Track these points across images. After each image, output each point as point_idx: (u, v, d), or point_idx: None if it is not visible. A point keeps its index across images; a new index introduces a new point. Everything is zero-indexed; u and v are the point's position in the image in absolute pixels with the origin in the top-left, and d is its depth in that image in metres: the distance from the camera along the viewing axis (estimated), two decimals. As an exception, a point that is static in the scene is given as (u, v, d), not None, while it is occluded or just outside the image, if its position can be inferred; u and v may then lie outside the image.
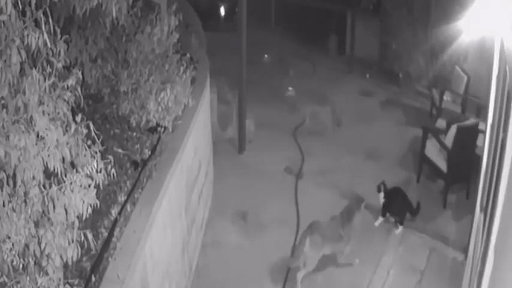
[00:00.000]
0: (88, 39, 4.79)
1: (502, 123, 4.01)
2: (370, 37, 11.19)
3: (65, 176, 3.25)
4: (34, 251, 3.16)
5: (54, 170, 3.18)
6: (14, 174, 3.05)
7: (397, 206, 7.08)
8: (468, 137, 7.25)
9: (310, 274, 6.15)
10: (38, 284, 3.17)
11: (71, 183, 3.26)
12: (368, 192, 7.75)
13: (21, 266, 3.13)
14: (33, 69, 3.05)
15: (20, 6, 2.93)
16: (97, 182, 3.38)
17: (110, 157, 3.62)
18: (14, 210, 3.03)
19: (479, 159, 5.92)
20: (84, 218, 3.37)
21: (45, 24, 2.97)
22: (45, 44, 2.99)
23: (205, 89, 7.19)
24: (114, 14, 4.13)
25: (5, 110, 2.96)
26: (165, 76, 5.70)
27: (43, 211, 3.21)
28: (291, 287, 6.19)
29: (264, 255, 6.63)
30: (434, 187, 7.78)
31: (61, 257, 3.25)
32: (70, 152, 3.27)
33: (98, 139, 3.46)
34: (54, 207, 3.22)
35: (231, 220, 7.23)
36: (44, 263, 3.22)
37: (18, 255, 3.09)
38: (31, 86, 3.01)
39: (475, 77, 8.49)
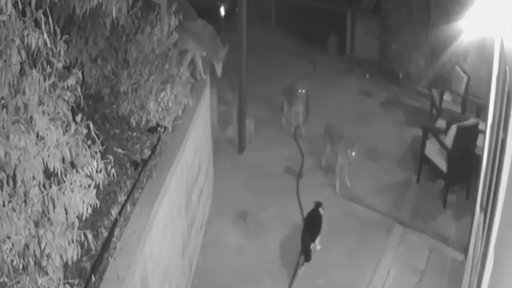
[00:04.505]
0: (88, 39, 4.79)
1: (502, 123, 4.01)
2: (370, 37, 11.20)
3: (65, 176, 3.25)
4: (34, 251, 3.15)
5: (54, 170, 3.18)
6: (14, 174, 3.05)
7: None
8: (468, 137, 7.25)
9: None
10: (38, 284, 3.17)
11: (71, 183, 3.25)
12: (367, 192, 7.78)
13: (21, 266, 3.12)
14: (33, 69, 3.05)
15: (20, 6, 2.93)
16: (97, 182, 3.37)
17: (110, 157, 3.61)
18: (14, 210, 3.03)
19: (479, 159, 5.92)
20: (84, 218, 3.36)
21: (45, 24, 2.96)
22: (45, 44, 2.99)
23: (205, 89, 7.20)
24: (114, 14, 4.12)
25: (5, 110, 2.96)
26: (165, 76, 5.70)
27: (43, 211, 3.20)
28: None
29: (264, 255, 6.64)
30: (434, 187, 7.78)
31: (61, 257, 3.24)
32: (70, 152, 3.27)
33: (98, 139, 3.45)
34: (54, 207, 3.22)
35: (231, 220, 7.24)
36: (44, 263, 3.21)
37: (18, 255, 3.09)
38: (31, 86, 3.01)
39: (475, 77, 8.49)
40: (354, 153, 7.47)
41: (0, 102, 2.96)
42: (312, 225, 6.57)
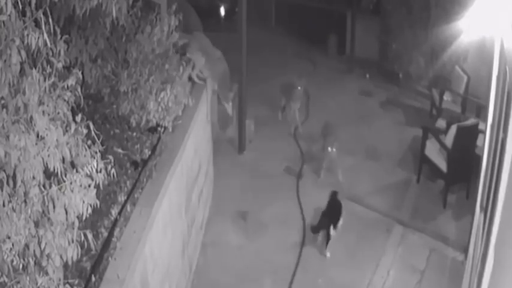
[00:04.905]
0: (88, 39, 4.79)
1: (502, 123, 4.01)
2: (370, 37, 11.19)
3: (65, 176, 3.25)
4: (34, 251, 3.15)
5: (54, 170, 3.18)
6: (14, 174, 3.05)
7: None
8: (468, 137, 7.25)
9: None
10: (38, 284, 3.17)
11: (71, 183, 3.25)
12: (367, 192, 7.78)
13: (21, 266, 3.12)
14: (33, 69, 3.05)
15: (20, 6, 2.93)
16: (97, 182, 3.37)
17: (110, 157, 3.61)
18: (14, 210, 3.03)
19: (479, 159, 5.92)
20: (84, 218, 3.36)
21: (45, 24, 2.96)
22: (45, 44, 2.99)
23: (205, 89, 7.19)
24: (114, 14, 4.12)
25: (5, 110, 2.96)
26: (165, 76, 5.70)
27: (43, 211, 3.20)
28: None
29: (264, 255, 6.64)
30: (435, 187, 7.78)
31: (61, 257, 3.24)
32: (70, 152, 3.26)
33: (98, 139, 3.45)
34: (54, 207, 3.22)
35: (231, 220, 7.24)
36: (44, 263, 3.21)
37: (18, 255, 3.09)
38: (31, 86, 3.01)
39: (475, 77, 8.49)
40: (334, 150, 7.94)
41: (0, 102, 2.96)
42: (331, 212, 6.72)
